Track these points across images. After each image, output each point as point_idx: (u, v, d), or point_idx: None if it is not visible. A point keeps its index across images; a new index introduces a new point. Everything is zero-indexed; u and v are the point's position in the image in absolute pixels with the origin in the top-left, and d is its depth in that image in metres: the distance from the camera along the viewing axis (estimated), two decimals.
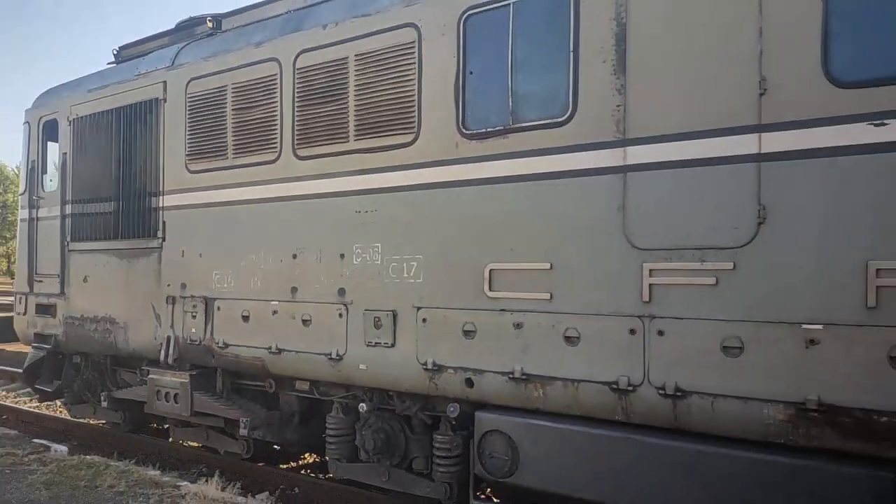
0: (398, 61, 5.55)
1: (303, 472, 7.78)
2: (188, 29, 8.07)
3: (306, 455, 8.24)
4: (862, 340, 3.68)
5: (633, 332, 4.40)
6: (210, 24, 7.69)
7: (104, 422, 9.01)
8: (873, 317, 3.65)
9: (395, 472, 6.01)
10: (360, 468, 6.21)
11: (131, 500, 5.97)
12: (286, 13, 6.80)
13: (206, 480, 6.44)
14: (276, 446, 7.49)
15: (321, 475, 7.48)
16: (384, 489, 6.12)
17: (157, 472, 6.90)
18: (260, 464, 7.47)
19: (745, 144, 4.04)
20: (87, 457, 7.36)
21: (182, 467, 7.63)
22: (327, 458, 6.44)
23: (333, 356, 5.87)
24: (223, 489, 6.17)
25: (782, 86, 3.95)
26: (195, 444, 8.04)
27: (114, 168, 7.84)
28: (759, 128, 4.01)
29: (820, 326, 3.80)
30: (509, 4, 4.99)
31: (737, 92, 4.08)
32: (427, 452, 5.79)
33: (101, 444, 8.60)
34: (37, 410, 10.40)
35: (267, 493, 6.44)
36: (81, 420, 9.25)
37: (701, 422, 4.20)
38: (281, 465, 7.84)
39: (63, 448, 7.83)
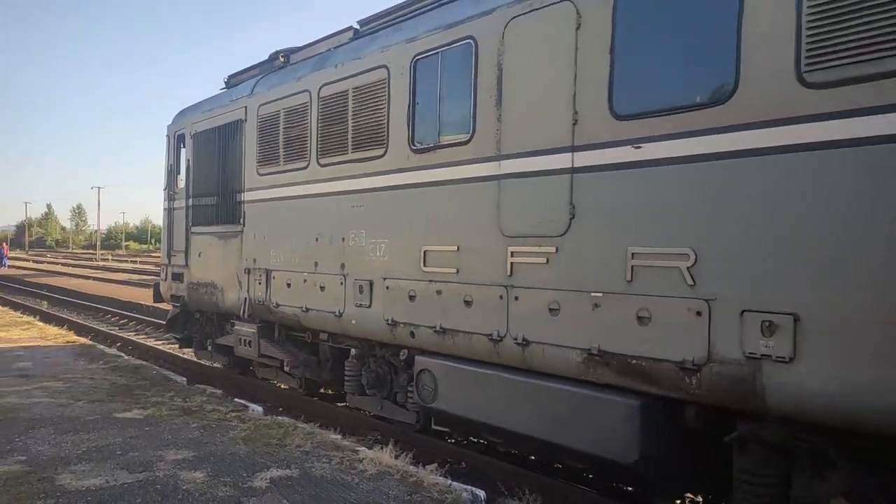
0: (376, 93, 7.42)
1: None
2: (270, 62, 10.44)
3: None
4: (622, 305, 5.06)
5: (501, 297, 6.00)
6: (282, 59, 9.99)
7: (216, 363, 11.78)
8: (630, 288, 5.02)
9: (385, 404, 8.00)
10: (364, 399, 8.26)
11: (315, 460, 6.27)
12: (322, 52, 8.91)
13: (381, 448, 6.71)
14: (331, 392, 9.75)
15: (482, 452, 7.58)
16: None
17: (338, 436, 7.30)
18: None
19: (564, 161, 5.49)
20: (279, 417, 8.02)
21: (359, 433, 8.08)
22: (344, 391, 8.56)
23: (337, 314, 7.93)
24: (396, 457, 6.42)
25: (585, 118, 5.35)
26: (368, 412, 8.56)
27: (216, 171, 10.52)
28: (573, 149, 5.44)
29: (601, 294, 5.21)
30: (439, 53, 6.68)
31: (560, 122, 5.53)
32: (404, 389, 7.71)
33: (291, 406, 9.46)
34: (238, 375, 11.39)
35: (436, 464, 6.57)
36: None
37: (539, 363, 5.74)
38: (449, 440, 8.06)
39: (259, 408, 8.54)
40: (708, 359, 4.56)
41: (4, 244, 59.47)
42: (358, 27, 8.71)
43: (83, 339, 14.50)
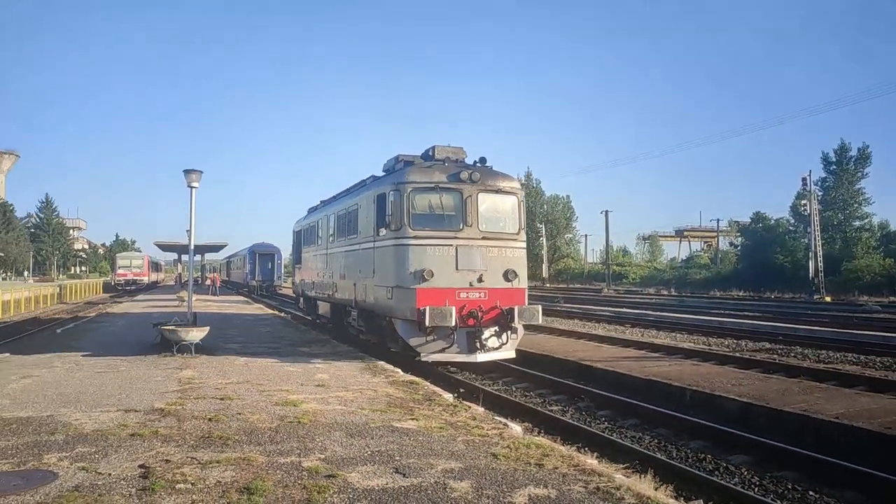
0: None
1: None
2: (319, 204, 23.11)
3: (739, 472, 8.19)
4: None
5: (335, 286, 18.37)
6: (320, 203, 22.26)
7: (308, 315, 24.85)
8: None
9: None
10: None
11: (572, 483, 6.13)
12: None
13: (640, 476, 6.50)
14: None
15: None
16: None
17: (595, 461, 7.14)
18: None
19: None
20: (536, 438, 7.97)
21: (618, 460, 7.98)
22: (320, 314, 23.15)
23: (317, 293, 17.41)
24: (656, 489, 6.19)
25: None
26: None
27: (300, 244, 25.61)
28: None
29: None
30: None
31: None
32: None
33: (549, 428, 9.32)
34: (499, 394, 12.37)
35: (701, 500, 6.20)
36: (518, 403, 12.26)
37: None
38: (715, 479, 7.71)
39: (518, 428, 8.59)
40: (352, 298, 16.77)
41: (217, 275, 66.32)
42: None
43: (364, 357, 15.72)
